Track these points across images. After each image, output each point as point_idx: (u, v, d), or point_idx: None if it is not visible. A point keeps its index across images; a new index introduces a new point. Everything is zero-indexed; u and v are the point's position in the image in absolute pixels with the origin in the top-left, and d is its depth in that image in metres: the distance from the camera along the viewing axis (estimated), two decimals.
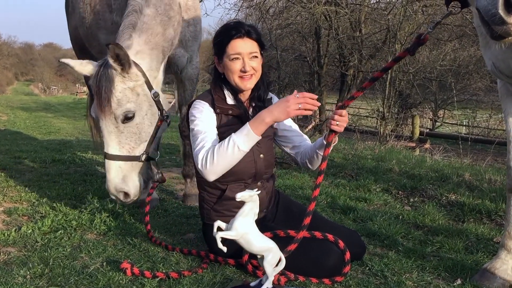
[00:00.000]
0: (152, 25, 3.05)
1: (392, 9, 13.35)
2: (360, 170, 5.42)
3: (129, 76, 2.86)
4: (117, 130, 2.88)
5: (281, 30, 15.79)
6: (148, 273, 2.47)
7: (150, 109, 2.99)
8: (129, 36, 2.98)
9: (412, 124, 13.48)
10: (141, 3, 3.07)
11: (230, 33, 2.62)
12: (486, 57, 2.45)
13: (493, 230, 3.45)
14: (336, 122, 2.54)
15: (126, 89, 2.86)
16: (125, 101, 2.85)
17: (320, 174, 2.55)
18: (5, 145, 7.27)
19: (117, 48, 2.73)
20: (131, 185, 2.97)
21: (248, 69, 2.60)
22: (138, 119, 2.93)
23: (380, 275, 2.61)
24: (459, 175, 4.97)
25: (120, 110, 2.84)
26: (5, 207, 3.75)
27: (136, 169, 2.99)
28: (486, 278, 2.51)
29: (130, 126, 2.90)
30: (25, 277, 2.43)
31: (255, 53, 2.64)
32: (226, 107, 2.67)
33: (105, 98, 2.79)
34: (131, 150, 2.94)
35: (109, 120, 2.85)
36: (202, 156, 2.50)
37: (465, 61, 16.17)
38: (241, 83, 2.64)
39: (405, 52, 2.41)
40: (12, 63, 70.21)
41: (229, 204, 2.66)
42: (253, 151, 2.65)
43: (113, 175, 2.90)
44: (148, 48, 3.04)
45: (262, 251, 2.25)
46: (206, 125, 2.61)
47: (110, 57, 2.76)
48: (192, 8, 3.65)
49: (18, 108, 19.05)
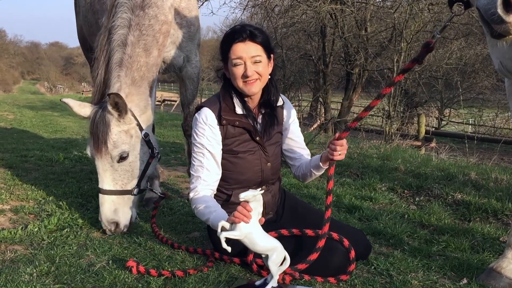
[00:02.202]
0: (136, 55, 3.18)
1: (398, 7, 13.29)
2: (366, 169, 5.41)
3: (123, 121, 3.07)
4: (112, 169, 3.08)
5: (286, 28, 15.77)
6: (154, 272, 2.48)
7: (142, 148, 3.20)
8: (117, 77, 3.14)
9: (418, 123, 13.43)
10: (126, 31, 3.17)
11: (232, 37, 2.57)
12: (494, 56, 2.44)
13: (499, 229, 3.44)
14: (339, 152, 2.56)
15: (121, 132, 3.07)
16: (120, 143, 3.06)
17: (328, 209, 2.59)
18: (11, 144, 7.30)
19: (117, 98, 2.96)
20: (122, 216, 3.13)
21: (250, 74, 2.54)
22: (132, 158, 3.13)
23: (386, 274, 2.60)
24: (465, 174, 4.95)
25: (116, 151, 3.05)
26: (12, 205, 3.77)
27: (128, 202, 3.16)
28: (492, 278, 2.49)
29: (124, 165, 3.10)
30: (31, 275, 2.44)
31: (258, 57, 2.55)
32: (233, 118, 2.64)
33: (102, 141, 3.01)
34: (124, 186, 3.13)
35: (105, 160, 3.05)
36: (191, 198, 2.63)
37: (472, 59, 16.10)
38: (245, 88, 2.59)
39: (413, 62, 2.31)
40: (18, 62, 70.62)
41: (234, 208, 2.66)
42: (260, 160, 2.70)
43: (106, 208, 3.08)
44: (135, 88, 3.20)
45: (266, 250, 2.25)
46: (205, 150, 2.63)
47: (109, 104, 2.97)
48: (186, 10, 3.67)
49: (25, 107, 19.12)
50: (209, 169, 2.63)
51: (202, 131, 2.63)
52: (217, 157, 2.65)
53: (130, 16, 3.18)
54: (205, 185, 2.62)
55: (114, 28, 3.17)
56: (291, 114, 2.92)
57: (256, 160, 2.71)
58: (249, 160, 2.69)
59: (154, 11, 3.26)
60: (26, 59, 77.30)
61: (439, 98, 20.51)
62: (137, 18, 3.19)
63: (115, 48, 3.15)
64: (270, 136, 2.75)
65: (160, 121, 12.26)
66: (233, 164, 2.69)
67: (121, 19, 3.17)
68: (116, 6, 3.20)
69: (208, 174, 2.63)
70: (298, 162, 2.90)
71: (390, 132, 10.37)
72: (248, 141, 2.69)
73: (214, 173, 2.65)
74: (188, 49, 3.80)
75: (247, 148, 2.69)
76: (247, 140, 2.69)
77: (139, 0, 3.22)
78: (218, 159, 2.66)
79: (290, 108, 2.93)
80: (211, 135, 2.63)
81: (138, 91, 3.21)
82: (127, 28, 3.17)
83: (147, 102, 3.29)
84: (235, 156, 2.68)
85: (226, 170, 2.70)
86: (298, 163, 2.90)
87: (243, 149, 2.68)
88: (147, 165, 3.22)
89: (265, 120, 2.74)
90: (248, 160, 2.69)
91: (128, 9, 3.19)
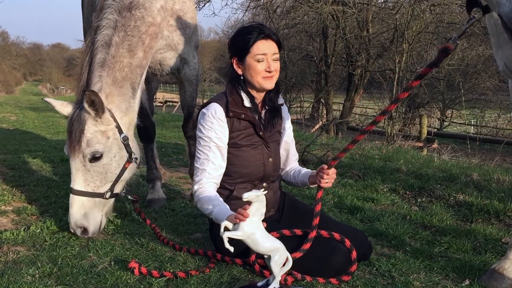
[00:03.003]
0: (119, 56, 3.15)
1: (400, 8, 13.31)
2: (367, 170, 5.40)
3: (101, 121, 3.01)
4: (84, 168, 3.00)
5: (288, 29, 15.80)
6: (156, 273, 2.48)
7: (119, 152, 3.11)
8: (99, 77, 3.10)
9: (420, 124, 13.40)
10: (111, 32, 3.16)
11: (255, 33, 2.64)
12: (498, 58, 2.44)
13: (502, 230, 3.43)
14: (326, 180, 2.69)
15: (97, 132, 3.01)
16: (94, 142, 2.99)
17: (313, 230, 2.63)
18: (14, 145, 7.32)
19: (93, 95, 2.90)
20: (92, 222, 3.03)
21: (273, 69, 2.65)
22: (106, 160, 3.05)
23: (388, 275, 2.60)
24: (467, 175, 4.94)
25: (88, 150, 2.97)
26: (14, 207, 3.78)
27: (99, 206, 3.08)
28: (494, 279, 2.49)
29: (97, 166, 3.02)
30: (33, 276, 2.45)
31: (276, 55, 2.69)
32: (240, 111, 2.69)
33: (75, 139, 2.96)
34: (96, 188, 3.04)
35: (77, 158, 2.99)
36: (195, 190, 2.67)
37: (474, 60, 16.08)
38: (264, 83, 2.67)
39: (431, 67, 2.20)
40: (20, 63, 70.71)
41: (237, 204, 2.67)
42: (263, 154, 2.75)
43: (75, 210, 2.98)
44: (116, 89, 3.15)
45: (268, 251, 2.26)
46: (212, 143, 2.65)
47: (85, 102, 2.92)
48: (180, 12, 3.67)
49: (27, 108, 19.16)
50: (215, 163, 2.66)
51: (210, 124, 2.66)
52: (223, 151, 2.68)
53: (117, 18, 3.18)
54: (210, 178, 2.66)
55: (99, 29, 3.16)
56: (288, 116, 3.03)
57: (258, 155, 2.75)
58: (252, 154, 2.74)
59: (141, 12, 3.27)
60: (28, 60, 77.40)
61: (441, 99, 20.48)
62: (123, 20, 3.19)
63: (98, 48, 3.13)
64: (272, 132, 2.83)
65: (162, 122, 12.28)
66: (236, 157, 2.72)
67: (107, 20, 3.17)
68: (104, 7, 3.21)
69: (213, 167, 2.66)
70: (288, 166, 3.03)
71: (392, 133, 10.37)
72: (252, 135, 2.75)
73: (219, 167, 2.68)
74: (185, 51, 3.81)
75: (250, 142, 2.74)
76: (251, 134, 2.74)
77: (127, 2, 3.22)
78: (224, 153, 2.69)
79: (287, 112, 3.03)
80: (219, 129, 2.66)
81: (119, 92, 3.16)
82: (112, 29, 3.16)
83: (129, 105, 3.23)
84: (239, 150, 2.72)
85: (229, 164, 2.73)
86: (288, 167, 3.03)
87: (246, 142, 2.73)
88: (123, 170, 3.14)
89: (268, 116, 2.82)
90: (251, 154, 2.74)
91: (115, 10, 3.19)
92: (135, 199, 3.39)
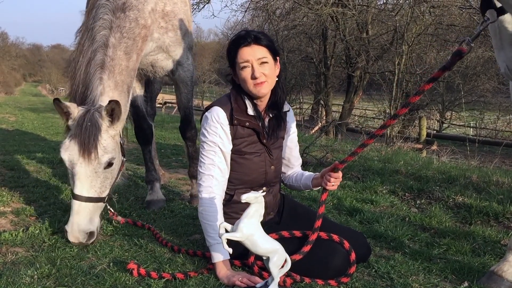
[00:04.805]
0: (118, 58, 3.14)
1: (400, 10, 13.33)
2: (367, 172, 5.40)
3: (113, 127, 3.00)
4: (95, 175, 2.93)
5: (287, 31, 15.80)
6: (155, 274, 2.48)
7: (119, 155, 3.12)
8: (99, 80, 3.07)
9: (419, 126, 13.39)
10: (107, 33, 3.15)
11: (238, 42, 2.62)
12: (500, 60, 2.44)
13: (501, 232, 3.43)
14: (332, 183, 2.70)
15: (110, 138, 2.99)
16: (110, 148, 2.96)
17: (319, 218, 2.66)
18: (13, 146, 7.32)
19: (115, 105, 2.89)
20: (96, 225, 3.00)
21: (258, 75, 2.58)
22: (114, 165, 3.05)
23: (386, 277, 2.60)
24: (466, 177, 4.94)
25: (106, 157, 2.93)
26: (13, 208, 3.78)
27: (99, 210, 3.06)
28: (493, 281, 2.49)
29: (107, 172, 2.99)
30: (32, 277, 2.45)
31: (264, 59, 2.60)
32: (244, 118, 2.66)
33: (91, 145, 2.85)
34: (101, 193, 3.01)
35: (91, 165, 2.89)
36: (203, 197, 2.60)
37: (473, 62, 16.06)
38: (255, 90, 2.62)
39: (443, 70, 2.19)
40: (20, 64, 70.64)
41: (236, 207, 2.68)
42: (265, 162, 2.74)
43: (83, 217, 2.90)
44: (117, 93, 3.14)
45: (267, 252, 2.25)
46: (217, 148, 2.63)
47: (105, 110, 2.91)
48: (171, 14, 3.67)
49: (26, 109, 19.15)
50: (221, 168, 2.63)
51: (215, 129, 2.63)
52: (227, 156, 2.66)
53: (111, 18, 3.17)
54: (218, 185, 2.62)
55: (95, 29, 3.15)
56: (293, 122, 3.00)
57: (261, 162, 2.73)
58: (255, 161, 2.72)
59: (135, 14, 3.27)
60: (28, 61, 77.37)
61: (441, 100, 20.46)
62: (118, 20, 3.18)
63: (96, 49, 3.11)
64: (276, 139, 2.80)
65: (161, 123, 12.27)
66: (239, 164, 2.70)
67: (102, 20, 3.16)
68: (97, 7, 3.19)
69: (220, 173, 2.63)
70: (291, 171, 3.03)
71: (391, 134, 10.38)
72: (256, 142, 2.72)
73: (225, 172, 2.66)
74: (177, 53, 3.81)
75: (254, 149, 2.72)
76: (255, 141, 2.72)
77: (120, 2, 3.22)
78: (228, 158, 2.67)
79: (292, 117, 2.99)
80: (223, 134, 2.64)
81: (119, 96, 3.14)
82: (108, 30, 3.16)
83: (125, 108, 3.22)
84: (242, 157, 2.70)
85: (231, 170, 2.71)
86: (290, 171, 3.03)
87: (250, 150, 2.71)
88: (119, 173, 3.15)
89: (272, 123, 2.78)
90: (254, 162, 2.72)
91: (110, 10, 3.18)
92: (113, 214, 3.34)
